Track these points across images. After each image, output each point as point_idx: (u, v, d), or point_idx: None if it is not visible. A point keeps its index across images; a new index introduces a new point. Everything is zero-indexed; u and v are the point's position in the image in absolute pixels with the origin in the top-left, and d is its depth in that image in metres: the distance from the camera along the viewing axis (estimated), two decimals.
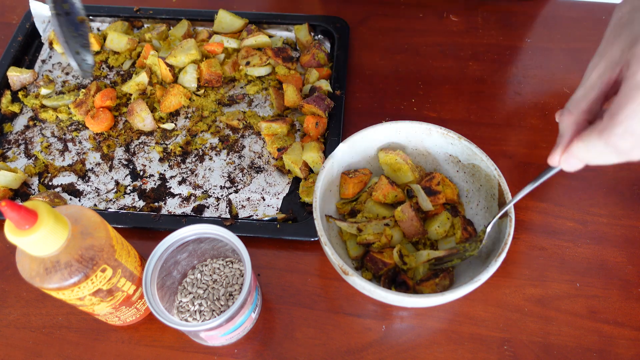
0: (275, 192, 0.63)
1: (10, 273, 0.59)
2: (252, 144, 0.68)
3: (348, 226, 0.55)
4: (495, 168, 0.53)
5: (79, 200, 0.63)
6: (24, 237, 0.37)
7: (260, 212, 0.62)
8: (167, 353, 0.53)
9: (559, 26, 0.80)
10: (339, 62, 0.73)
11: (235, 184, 0.64)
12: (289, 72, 0.72)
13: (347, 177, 0.57)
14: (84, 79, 0.73)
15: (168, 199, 0.63)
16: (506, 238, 0.48)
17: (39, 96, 0.71)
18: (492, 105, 0.71)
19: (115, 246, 0.45)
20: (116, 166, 0.66)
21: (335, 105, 0.68)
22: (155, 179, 0.65)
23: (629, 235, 0.60)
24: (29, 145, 0.68)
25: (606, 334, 0.54)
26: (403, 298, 0.46)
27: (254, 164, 0.66)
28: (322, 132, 0.66)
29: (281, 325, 0.55)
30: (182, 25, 0.76)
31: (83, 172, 0.65)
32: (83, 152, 0.67)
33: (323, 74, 0.72)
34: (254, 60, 0.72)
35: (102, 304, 0.47)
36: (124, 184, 0.64)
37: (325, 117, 0.67)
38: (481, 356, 0.53)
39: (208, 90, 0.72)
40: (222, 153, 0.67)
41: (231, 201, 0.63)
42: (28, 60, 0.76)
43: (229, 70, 0.72)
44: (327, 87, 0.69)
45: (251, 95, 0.72)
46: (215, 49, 0.72)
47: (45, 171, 0.65)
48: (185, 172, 0.65)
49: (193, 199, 0.63)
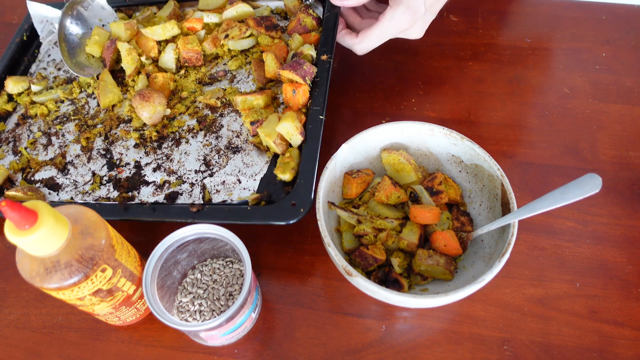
0: (252, 173, 0.59)
1: (10, 273, 0.59)
2: (231, 122, 0.63)
3: (349, 216, 0.55)
4: (498, 168, 0.53)
5: (57, 194, 0.62)
6: (24, 237, 0.37)
7: (235, 196, 0.57)
8: (167, 353, 0.53)
9: (559, 26, 0.80)
10: (328, 25, 0.67)
11: (210, 167, 0.60)
12: (272, 41, 0.67)
13: (351, 178, 0.57)
14: None
15: (142, 188, 0.60)
16: (510, 238, 0.48)
17: (30, 93, 0.71)
18: (492, 105, 0.71)
19: (115, 246, 0.45)
20: (94, 157, 0.64)
21: (322, 73, 0.62)
22: (131, 167, 0.62)
23: (629, 235, 0.60)
24: (17, 142, 0.68)
25: (606, 334, 0.54)
26: (406, 299, 0.46)
27: (231, 144, 0.62)
28: (304, 102, 0.60)
29: (281, 325, 0.55)
30: (168, 6, 0.73)
31: (63, 165, 0.64)
32: (65, 145, 0.66)
33: (310, 40, 0.66)
34: (233, 32, 0.66)
35: (102, 304, 0.47)
36: (100, 175, 0.62)
37: (306, 84, 0.60)
38: (481, 356, 0.53)
39: (189, 70, 0.68)
40: (199, 135, 0.63)
41: (205, 186, 0.59)
42: (27, 61, 0.76)
43: (209, 47, 0.68)
44: (310, 52, 0.63)
45: (233, 71, 0.68)
46: (195, 26, 0.68)
47: (27, 166, 0.65)
48: (161, 158, 0.62)
49: (167, 186, 0.60)
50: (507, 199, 0.51)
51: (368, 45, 0.67)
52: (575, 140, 0.68)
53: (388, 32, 0.65)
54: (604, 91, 0.72)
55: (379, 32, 0.65)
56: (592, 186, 0.45)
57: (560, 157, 0.66)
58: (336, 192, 0.58)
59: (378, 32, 0.65)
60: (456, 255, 0.54)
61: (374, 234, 0.54)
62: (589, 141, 0.68)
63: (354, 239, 0.55)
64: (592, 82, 0.73)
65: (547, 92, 0.73)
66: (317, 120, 0.58)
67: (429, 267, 0.52)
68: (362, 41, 0.66)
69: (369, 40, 0.66)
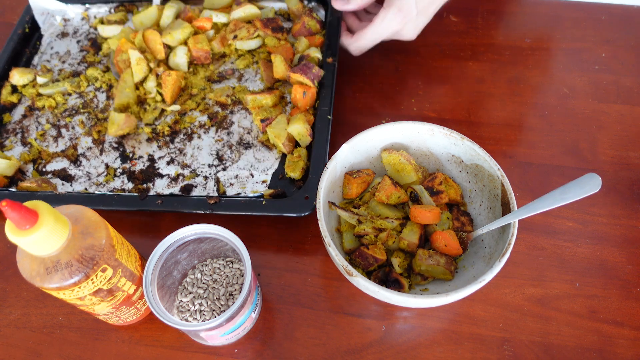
0: (264, 168, 0.62)
1: (10, 273, 0.59)
2: (242, 119, 0.66)
3: (349, 216, 0.55)
4: (498, 168, 0.53)
5: (71, 185, 0.63)
6: (25, 237, 0.37)
7: (249, 189, 0.60)
8: (167, 353, 0.53)
9: (559, 26, 0.80)
10: (332, 28, 0.70)
11: (223, 161, 0.63)
12: (279, 43, 0.69)
13: (351, 178, 0.57)
14: None
15: (156, 180, 0.63)
16: (510, 238, 0.48)
17: (35, 85, 0.72)
18: (492, 105, 0.71)
19: (116, 246, 0.45)
20: (107, 149, 0.66)
21: (327, 74, 0.66)
22: (144, 160, 0.65)
23: (628, 235, 0.60)
24: (25, 134, 0.68)
25: (606, 333, 0.54)
26: (407, 299, 0.46)
27: (242, 140, 0.65)
28: (312, 103, 0.64)
29: (281, 325, 0.55)
30: (172, 5, 0.75)
31: (75, 157, 0.65)
32: (75, 137, 0.67)
33: (315, 43, 0.70)
34: (241, 33, 0.69)
35: (103, 303, 0.47)
36: (114, 167, 0.64)
37: (314, 86, 0.64)
38: (481, 356, 0.53)
39: (198, 68, 0.71)
40: (211, 130, 0.66)
41: (219, 179, 0.62)
42: (29, 53, 0.76)
43: (218, 46, 0.70)
44: (317, 54, 0.67)
45: (241, 69, 0.71)
46: (204, 25, 0.70)
47: (39, 158, 0.66)
48: (174, 152, 0.65)
49: (181, 179, 0.62)
50: (507, 199, 0.52)
51: (362, 45, 0.69)
52: (575, 140, 0.68)
53: (381, 32, 0.67)
54: (604, 91, 0.72)
55: (372, 32, 0.67)
56: (592, 186, 0.45)
57: (560, 157, 0.66)
58: (336, 192, 0.58)
59: (371, 33, 0.67)
60: (456, 255, 0.54)
61: (374, 234, 0.54)
62: (589, 141, 0.68)
63: (355, 239, 0.55)
64: (592, 82, 0.73)
65: (547, 92, 0.73)
66: (325, 120, 0.62)
67: (429, 267, 0.52)
68: (357, 41, 0.69)
69: (363, 40, 0.68)
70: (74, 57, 0.76)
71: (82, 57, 0.76)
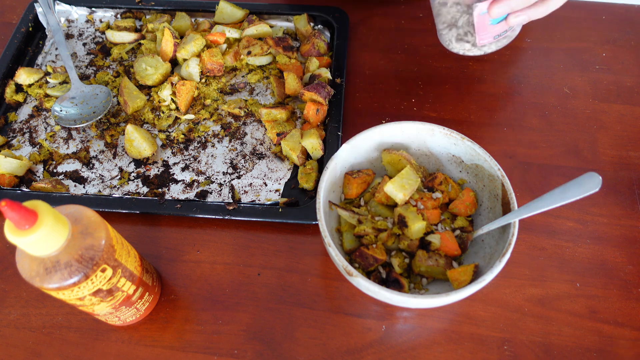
0: (277, 178, 0.65)
1: (10, 273, 0.59)
2: (254, 131, 0.69)
3: (349, 216, 0.55)
4: (498, 168, 0.53)
5: (84, 187, 0.64)
6: (24, 237, 0.37)
7: (263, 197, 0.63)
8: (167, 353, 0.53)
9: (559, 26, 0.80)
10: (339, 51, 0.74)
11: (237, 169, 0.65)
12: (289, 61, 0.73)
13: (351, 178, 0.57)
14: None
15: (171, 185, 0.64)
16: (510, 238, 0.48)
17: (42, 86, 0.72)
18: (492, 105, 0.71)
19: (115, 246, 0.45)
20: (120, 153, 0.67)
21: (335, 93, 0.69)
22: (159, 166, 0.66)
23: (629, 235, 0.60)
24: (33, 134, 0.69)
25: (606, 334, 0.54)
26: (408, 299, 0.46)
27: (255, 150, 0.67)
28: (322, 119, 0.68)
29: (281, 325, 0.55)
30: (182, 16, 0.77)
31: (87, 160, 0.66)
32: (87, 140, 0.68)
33: (323, 63, 0.73)
34: (255, 50, 0.73)
35: (102, 304, 0.47)
36: (128, 171, 0.65)
37: (326, 104, 0.67)
38: (481, 356, 0.53)
39: (210, 79, 0.73)
40: (225, 140, 0.68)
41: (234, 187, 0.64)
42: (32, 52, 0.76)
43: (231, 60, 0.74)
44: (327, 75, 0.70)
45: (252, 83, 0.73)
46: (218, 39, 0.73)
47: (49, 159, 0.66)
48: (188, 159, 0.66)
49: (196, 185, 0.64)
50: (507, 199, 0.51)
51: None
52: (575, 140, 0.68)
53: None
54: (604, 91, 0.72)
55: None
56: (592, 185, 0.45)
57: (560, 157, 0.66)
58: (336, 193, 0.58)
59: None
60: (456, 256, 0.54)
61: (374, 234, 0.54)
62: (589, 141, 0.68)
63: (355, 239, 0.55)
64: (592, 82, 0.73)
65: (547, 92, 0.73)
66: (335, 135, 0.66)
67: (428, 268, 0.52)
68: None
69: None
70: (81, 59, 0.76)
71: (90, 60, 0.76)
